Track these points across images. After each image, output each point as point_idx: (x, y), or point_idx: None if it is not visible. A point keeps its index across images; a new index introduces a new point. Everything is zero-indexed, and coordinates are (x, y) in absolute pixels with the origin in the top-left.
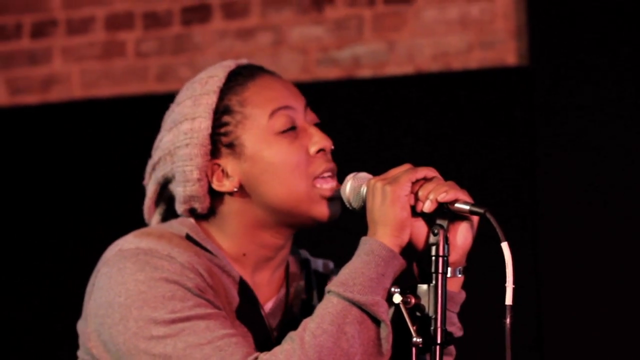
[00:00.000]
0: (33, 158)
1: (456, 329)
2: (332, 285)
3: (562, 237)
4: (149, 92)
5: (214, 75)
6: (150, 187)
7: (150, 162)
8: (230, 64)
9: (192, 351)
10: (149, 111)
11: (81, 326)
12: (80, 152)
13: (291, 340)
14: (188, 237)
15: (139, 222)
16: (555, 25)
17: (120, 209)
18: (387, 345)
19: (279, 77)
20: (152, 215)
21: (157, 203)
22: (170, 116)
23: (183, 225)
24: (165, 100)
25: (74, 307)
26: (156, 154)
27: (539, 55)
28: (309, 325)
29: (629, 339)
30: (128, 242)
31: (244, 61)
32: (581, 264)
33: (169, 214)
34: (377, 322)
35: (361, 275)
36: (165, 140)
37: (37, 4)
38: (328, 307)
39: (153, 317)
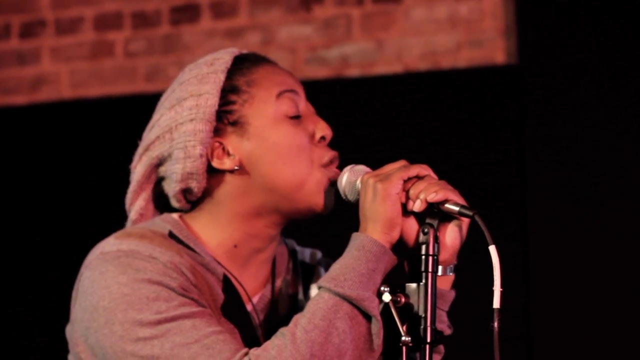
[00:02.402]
0: (22, 159)
1: (445, 327)
2: (323, 280)
3: (552, 236)
4: (138, 92)
5: (220, 58)
6: (139, 169)
7: (143, 144)
8: (234, 50)
9: (180, 351)
10: (138, 111)
11: (69, 331)
12: (69, 152)
13: (282, 336)
14: (171, 235)
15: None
16: (544, 24)
17: (109, 209)
18: (378, 341)
19: (282, 68)
20: (136, 200)
21: (142, 187)
22: (171, 95)
23: (166, 222)
24: (154, 100)
25: (64, 312)
26: (153, 132)
27: (528, 54)
28: (300, 320)
29: (619, 340)
30: (109, 245)
31: (246, 50)
32: (571, 263)
33: (154, 199)
34: (368, 317)
35: (352, 270)
36: (164, 118)
37: (26, 4)
38: (319, 303)
39: (138, 319)
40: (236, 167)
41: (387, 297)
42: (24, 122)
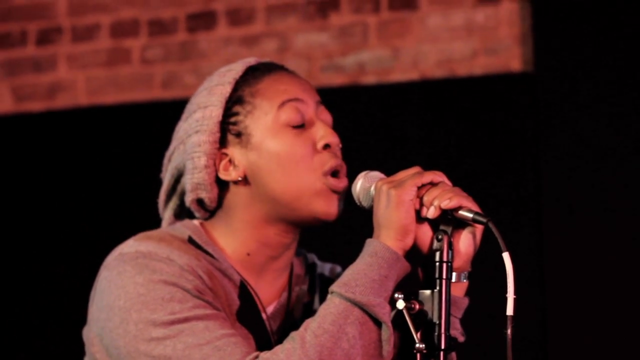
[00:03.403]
0: (38, 165)
1: (459, 335)
2: (335, 286)
3: (566, 243)
4: (154, 99)
5: (233, 69)
6: (165, 180)
7: (167, 154)
8: (251, 60)
9: (192, 352)
10: (155, 118)
11: (86, 332)
12: (85, 159)
13: (292, 340)
14: (190, 240)
15: (144, 227)
16: (560, 32)
17: (125, 214)
18: (388, 348)
19: (295, 75)
20: (165, 210)
21: (170, 197)
22: (188, 107)
23: (186, 228)
24: (170, 107)
25: (79, 314)
26: (172, 144)
27: (543, 62)
28: (310, 325)
29: (636, 347)
30: (128, 246)
31: (266, 59)
32: (586, 270)
33: (182, 210)
34: (379, 323)
35: (364, 276)
36: (180, 130)
37: (42, 11)
38: (330, 308)
39: (152, 319)
40: (240, 178)
41: (400, 304)
42: (41, 129)
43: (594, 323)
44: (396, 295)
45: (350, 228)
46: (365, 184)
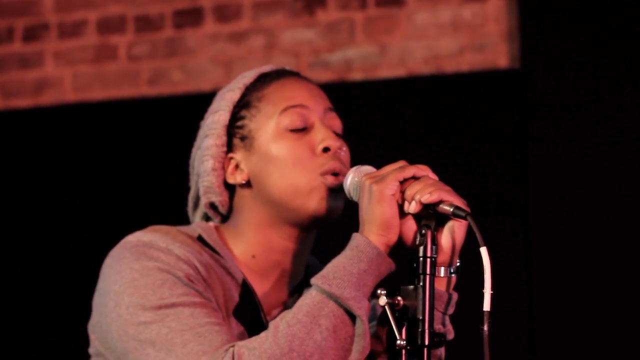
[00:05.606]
0: (25, 162)
1: (445, 330)
2: (314, 278)
3: (554, 240)
4: (141, 96)
5: (246, 76)
6: (191, 187)
7: (190, 162)
8: (266, 68)
9: (174, 336)
10: (141, 114)
11: (90, 322)
12: (72, 156)
13: (267, 329)
14: (199, 238)
15: (130, 222)
16: (547, 28)
17: (113, 211)
18: (363, 343)
19: (306, 81)
20: (194, 217)
21: (196, 204)
22: (205, 115)
23: (199, 227)
24: (157, 104)
25: (82, 311)
26: (192, 151)
27: (530, 58)
28: (285, 315)
29: (623, 343)
30: (133, 236)
31: (281, 67)
32: (574, 267)
33: (209, 219)
34: (354, 318)
35: (342, 269)
36: (198, 137)
37: (29, 7)
38: (306, 299)
39: (142, 303)
40: (244, 181)
41: (382, 301)
42: (28, 126)
43: (582, 318)
44: (379, 291)
45: (353, 228)
46: (355, 178)
